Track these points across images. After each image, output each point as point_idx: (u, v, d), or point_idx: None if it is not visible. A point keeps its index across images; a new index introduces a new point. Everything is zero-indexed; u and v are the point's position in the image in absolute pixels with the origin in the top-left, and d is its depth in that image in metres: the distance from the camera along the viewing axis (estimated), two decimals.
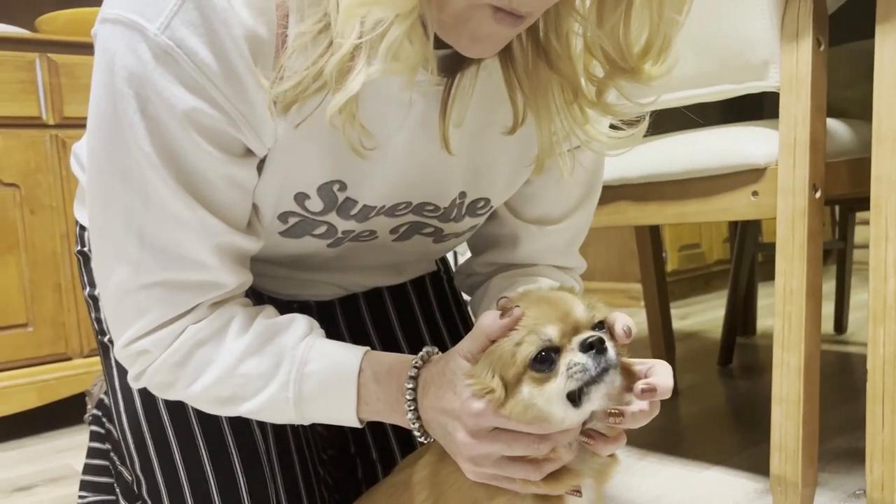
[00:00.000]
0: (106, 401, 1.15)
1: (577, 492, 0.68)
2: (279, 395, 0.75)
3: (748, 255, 2.16)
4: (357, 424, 0.77)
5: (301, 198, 0.76)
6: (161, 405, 0.90)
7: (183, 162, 0.67)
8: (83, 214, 1.01)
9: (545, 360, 0.64)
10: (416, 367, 0.72)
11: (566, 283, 0.96)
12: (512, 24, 0.61)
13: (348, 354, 0.76)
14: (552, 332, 0.64)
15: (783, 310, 1.05)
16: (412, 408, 0.72)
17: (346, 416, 0.76)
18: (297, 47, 0.63)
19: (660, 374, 0.68)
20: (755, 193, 1.12)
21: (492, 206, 0.89)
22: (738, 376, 2.06)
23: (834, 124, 1.17)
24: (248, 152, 0.71)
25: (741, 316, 2.31)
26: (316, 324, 0.80)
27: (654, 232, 1.91)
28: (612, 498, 1.27)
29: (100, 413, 1.18)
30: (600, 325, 0.67)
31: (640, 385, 0.67)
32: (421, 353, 0.74)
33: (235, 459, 0.88)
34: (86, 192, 0.75)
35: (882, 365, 0.95)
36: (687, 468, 1.39)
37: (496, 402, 0.64)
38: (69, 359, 1.95)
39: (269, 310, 0.80)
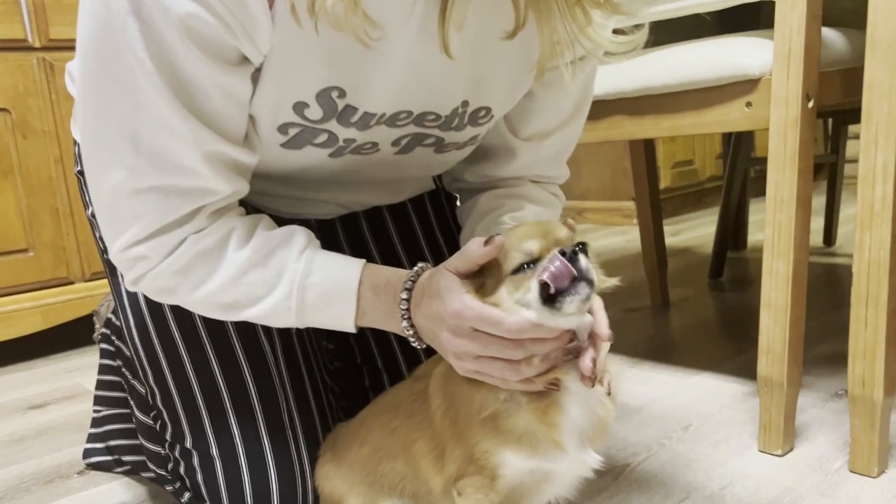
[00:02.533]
0: (114, 319, 1.19)
1: (555, 385, 0.71)
2: (281, 305, 0.78)
3: (741, 169, 2.17)
4: (353, 331, 0.80)
5: (300, 107, 0.77)
6: (171, 320, 0.93)
7: (176, 69, 0.67)
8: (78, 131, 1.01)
9: (524, 268, 0.68)
10: (411, 281, 0.76)
11: (551, 204, 1.01)
12: None
13: (349, 267, 0.79)
14: (533, 246, 0.68)
15: (773, 219, 1.07)
16: (406, 317, 0.76)
17: (344, 324, 0.80)
18: None
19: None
20: (749, 104, 1.13)
21: (493, 116, 0.90)
22: (728, 289, 2.11)
23: (828, 33, 1.17)
24: (244, 60, 0.71)
25: (732, 230, 2.35)
26: (313, 235, 0.82)
27: (649, 149, 1.92)
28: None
29: (108, 331, 1.22)
30: (582, 246, 0.68)
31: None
32: (416, 269, 0.77)
33: (245, 369, 0.92)
34: (77, 95, 0.74)
35: (867, 269, 0.98)
36: (677, 374, 1.44)
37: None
38: (71, 282, 1.98)
39: (267, 220, 0.82)
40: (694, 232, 3.03)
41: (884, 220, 0.97)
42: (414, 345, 0.78)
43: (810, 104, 1.06)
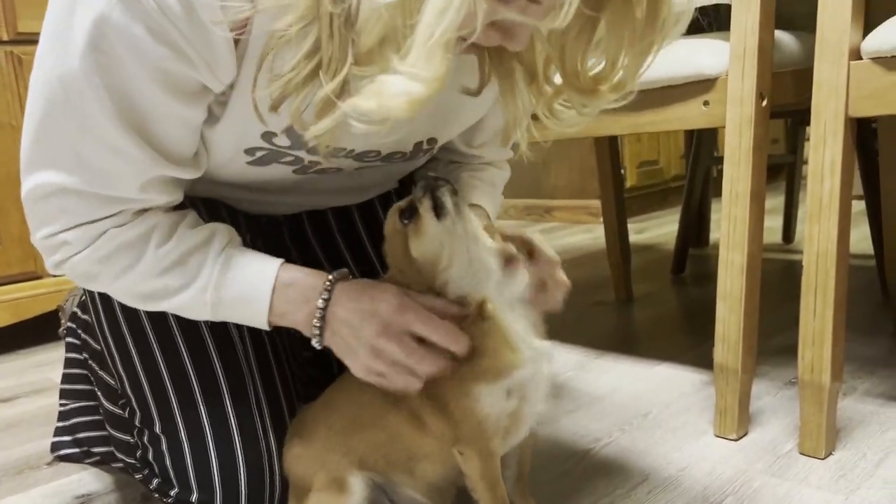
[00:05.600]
0: (79, 313, 1.19)
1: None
2: (198, 298, 0.81)
3: (703, 167, 2.23)
4: (266, 328, 0.84)
5: (268, 135, 0.80)
6: (141, 312, 0.95)
7: (132, 100, 0.69)
8: None
9: (408, 213, 0.79)
10: (330, 281, 0.80)
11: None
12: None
13: (264, 267, 0.82)
14: (400, 203, 0.80)
15: (729, 213, 1.12)
16: (321, 308, 0.80)
17: (257, 321, 0.83)
18: (275, 46, 0.66)
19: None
20: (706, 103, 1.17)
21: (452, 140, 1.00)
22: (689, 284, 2.16)
23: (783, 36, 1.22)
24: (204, 90, 0.73)
25: (695, 227, 2.40)
26: (234, 233, 0.85)
27: (613, 148, 1.96)
28: (567, 391, 1.37)
29: (74, 325, 1.22)
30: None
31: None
32: (336, 272, 0.82)
33: (214, 355, 0.93)
34: (30, 90, 0.74)
35: (816, 260, 1.03)
36: (639, 365, 1.49)
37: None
38: (39, 277, 1.97)
39: (191, 217, 0.84)
40: (658, 230, 3.09)
41: (832, 214, 1.02)
42: (314, 343, 0.82)
43: (764, 103, 1.11)
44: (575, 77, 0.76)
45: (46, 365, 1.81)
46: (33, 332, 1.98)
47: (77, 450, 1.23)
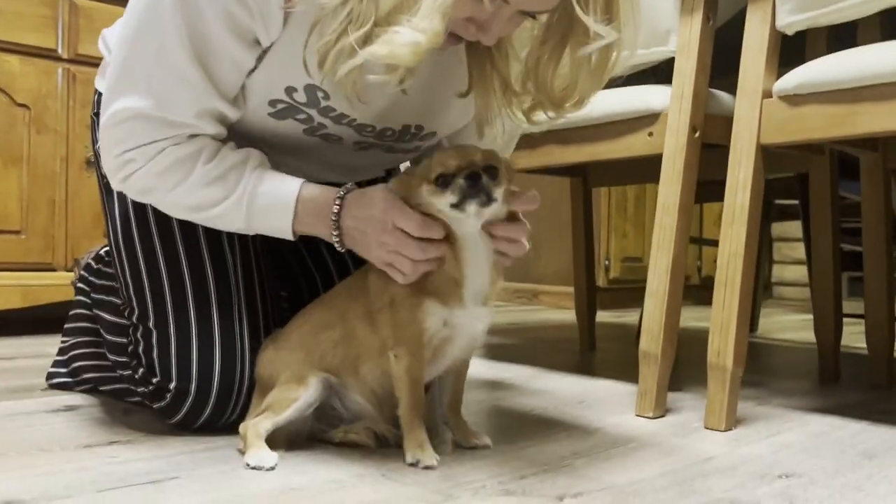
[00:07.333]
0: (93, 264, 1.38)
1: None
2: (235, 208, 1.00)
3: None
4: (291, 237, 1.01)
5: (290, 90, 1.01)
6: (152, 222, 1.12)
7: (204, 36, 0.91)
8: (102, 84, 1.24)
9: (443, 182, 0.92)
10: (339, 197, 0.99)
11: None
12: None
13: (291, 181, 1.01)
14: (451, 163, 0.92)
15: (661, 221, 1.30)
16: (335, 220, 0.98)
17: (284, 229, 1.01)
18: (322, 17, 0.88)
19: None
20: (651, 134, 1.38)
21: (436, 136, 1.17)
22: None
23: (724, 95, 1.45)
24: (256, 42, 0.95)
25: None
26: (266, 158, 1.04)
27: (588, 237, 2.17)
28: (517, 387, 1.51)
29: (86, 274, 1.40)
30: (492, 168, 0.93)
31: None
32: (347, 185, 1.00)
33: (209, 270, 1.10)
34: (120, 29, 0.98)
35: (727, 260, 1.21)
36: (584, 378, 1.63)
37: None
38: (54, 269, 2.15)
39: (231, 143, 1.04)
40: (635, 316, 3.25)
41: (742, 222, 1.21)
42: (336, 247, 1.00)
43: (696, 135, 1.32)
44: (545, 91, 0.99)
45: (48, 345, 1.94)
46: (38, 320, 2.12)
47: (70, 379, 1.38)
